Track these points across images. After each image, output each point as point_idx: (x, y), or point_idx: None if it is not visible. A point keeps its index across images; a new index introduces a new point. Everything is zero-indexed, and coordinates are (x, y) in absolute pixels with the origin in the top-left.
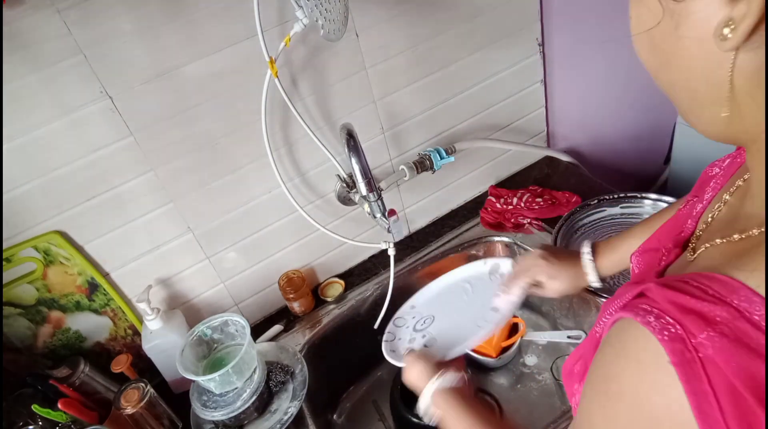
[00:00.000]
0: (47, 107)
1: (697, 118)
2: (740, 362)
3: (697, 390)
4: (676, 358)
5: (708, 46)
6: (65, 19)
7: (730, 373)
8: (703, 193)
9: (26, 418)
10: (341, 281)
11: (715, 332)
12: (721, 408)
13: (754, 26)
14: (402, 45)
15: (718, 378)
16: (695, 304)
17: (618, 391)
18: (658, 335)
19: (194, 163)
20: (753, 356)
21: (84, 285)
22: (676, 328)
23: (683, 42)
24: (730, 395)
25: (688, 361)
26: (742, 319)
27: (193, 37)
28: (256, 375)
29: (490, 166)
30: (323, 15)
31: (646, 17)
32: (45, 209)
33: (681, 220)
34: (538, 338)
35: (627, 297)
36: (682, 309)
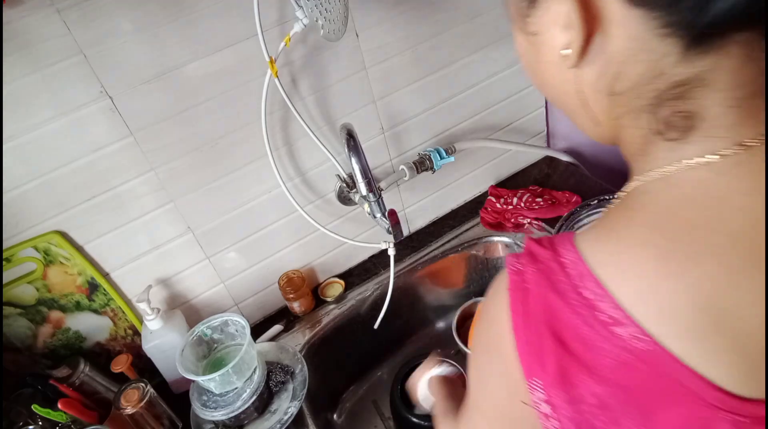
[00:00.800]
0: (47, 107)
1: (578, 125)
2: (543, 292)
3: (516, 309)
4: (511, 285)
5: (559, 66)
6: (65, 18)
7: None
8: None
9: (26, 418)
10: (341, 281)
11: (535, 268)
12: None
13: (583, 45)
14: (402, 45)
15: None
16: (536, 248)
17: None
18: (509, 268)
19: (194, 163)
20: (550, 289)
21: (84, 285)
22: (521, 265)
23: (545, 66)
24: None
25: (517, 288)
26: (554, 261)
27: (193, 36)
28: (256, 375)
29: (490, 166)
30: (323, 15)
31: (519, 49)
32: (45, 209)
33: None
34: None
35: None
36: (528, 252)
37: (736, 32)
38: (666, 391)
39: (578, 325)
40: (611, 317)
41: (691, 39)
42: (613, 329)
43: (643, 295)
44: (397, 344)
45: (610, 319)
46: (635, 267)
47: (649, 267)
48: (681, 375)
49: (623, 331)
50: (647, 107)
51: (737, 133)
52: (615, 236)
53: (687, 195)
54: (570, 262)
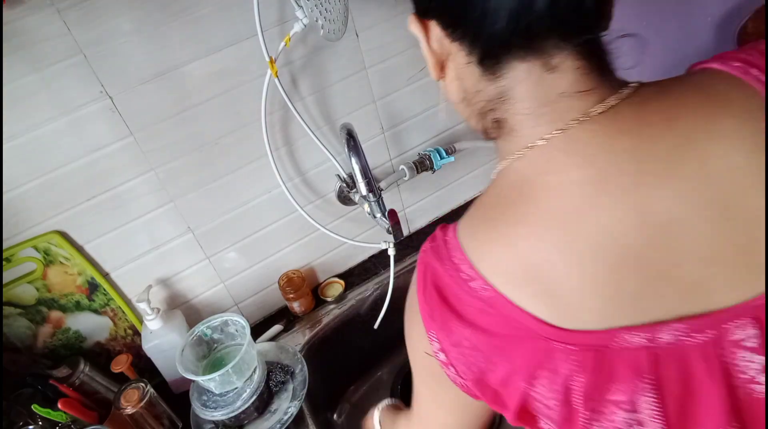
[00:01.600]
0: (47, 107)
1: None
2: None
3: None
4: (419, 261)
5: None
6: (65, 18)
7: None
8: None
9: (26, 418)
10: (341, 281)
11: (430, 246)
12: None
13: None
14: (402, 45)
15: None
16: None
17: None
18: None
19: (194, 162)
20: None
21: (84, 285)
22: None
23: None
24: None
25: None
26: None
27: (193, 36)
28: (256, 375)
29: (490, 166)
30: (323, 15)
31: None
32: (45, 209)
33: None
34: None
35: None
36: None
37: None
38: (512, 330)
39: (450, 283)
40: (468, 275)
41: (483, 67)
42: (469, 284)
43: (483, 256)
44: (397, 344)
45: (468, 276)
46: (479, 236)
47: (486, 234)
48: (518, 315)
49: (475, 285)
50: (481, 114)
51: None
52: (470, 214)
53: (511, 180)
54: (450, 238)
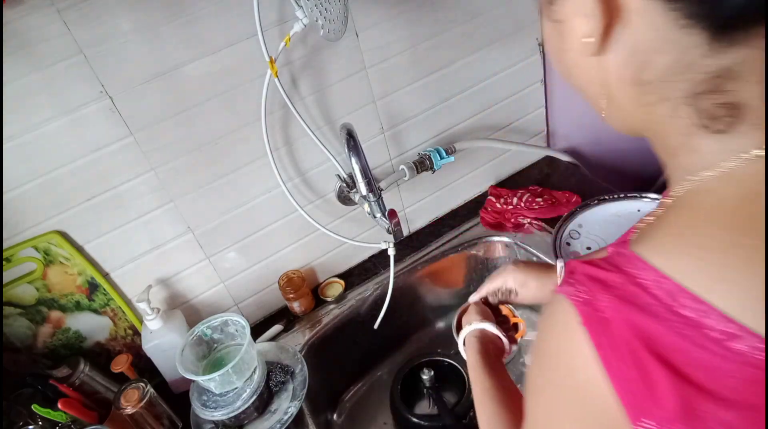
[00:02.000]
0: (47, 107)
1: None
2: (631, 319)
3: (603, 343)
4: (584, 318)
5: (583, 54)
6: (65, 18)
7: (624, 329)
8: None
9: (26, 418)
10: (341, 281)
11: (611, 295)
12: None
13: (604, 34)
14: (402, 45)
15: (617, 334)
16: (599, 273)
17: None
18: (572, 299)
19: (194, 162)
20: (640, 313)
21: (84, 285)
22: (586, 294)
23: (569, 53)
24: (628, 348)
25: (595, 321)
26: (631, 284)
27: (193, 36)
28: (256, 375)
29: (490, 166)
30: (323, 15)
31: (546, 36)
32: (45, 209)
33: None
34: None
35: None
36: (591, 278)
37: (758, 25)
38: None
39: (687, 348)
40: (723, 332)
41: (713, 32)
42: (729, 345)
43: (745, 302)
44: (397, 344)
45: (723, 335)
46: (728, 273)
47: (741, 270)
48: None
49: (741, 345)
50: (685, 99)
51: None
52: (690, 244)
53: (752, 190)
54: (652, 281)
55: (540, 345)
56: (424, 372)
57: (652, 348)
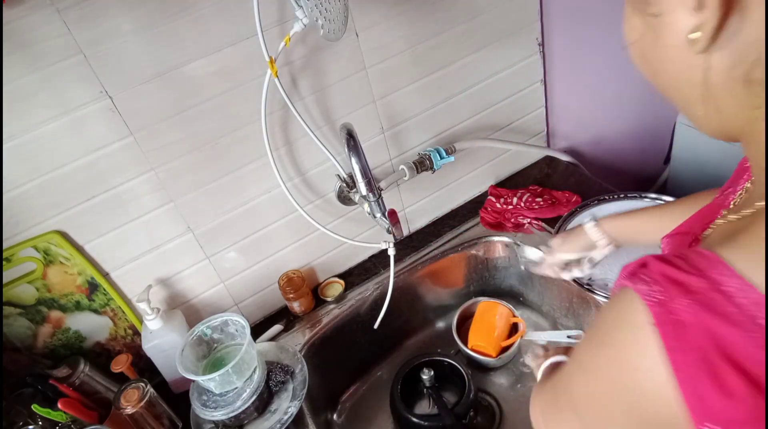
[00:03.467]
0: (47, 107)
1: (692, 117)
2: (710, 326)
3: (675, 347)
4: (657, 319)
5: (685, 51)
6: (65, 18)
7: (701, 335)
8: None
9: (26, 418)
10: (341, 281)
11: (692, 300)
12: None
13: (717, 28)
14: (402, 45)
15: (692, 339)
16: (679, 276)
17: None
18: (646, 299)
19: (194, 162)
20: (721, 321)
21: (84, 285)
22: (661, 295)
23: (665, 50)
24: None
25: (668, 323)
26: (715, 291)
27: (192, 36)
28: (256, 375)
29: (490, 166)
30: (323, 15)
31: (632, 31)
32: (45, 209)
33: (714, 209)
34: (538, 338)
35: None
36: (669, 279)
37: None
38: None
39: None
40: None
41: None
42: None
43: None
44: (397, 344)
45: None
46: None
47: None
48: None
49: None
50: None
51: None
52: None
53: None
54: (736, 289)
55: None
56: (424, 372)
57: (730, 356)
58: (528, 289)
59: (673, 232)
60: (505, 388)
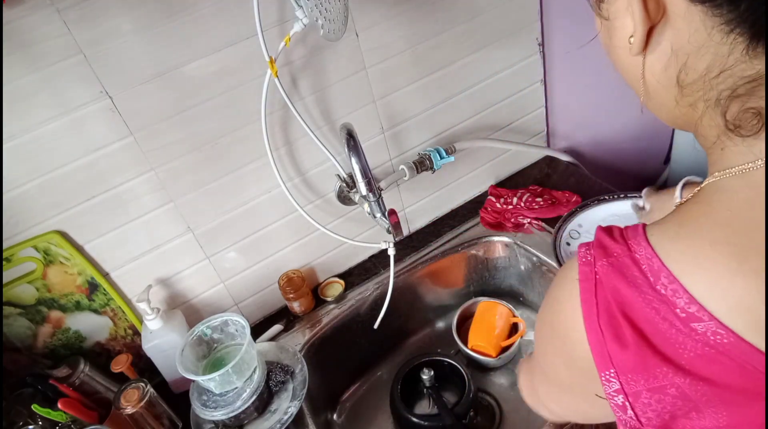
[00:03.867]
0: (47, 107)
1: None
2: (616, 285)
3: (587, 299)
4: (581, 276)
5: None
6: (65, 18)
7: (609, 293)
8: None
9: (26, 418)
10: (341, 281)
11: (607, 262)
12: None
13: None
14: (402, 45)
15: (602, 295)
16: (608, 242)
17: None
18: (580, 259)
19: (194, 162)
20: (625, 283)
21: (84, 285)
22: (591, 256)
23: (616, 50)
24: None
25: (587, 279)
26: (627, 256)
27: (192, 36)
28: (256, 375)
29: (490, 166)
30: (323, 15)
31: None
32: (45, 209)
33: None
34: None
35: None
36: (600, 244)
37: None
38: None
39: (656, 320)
40: (689, 313)
41: (752, 37)
42: (692, 325)
43: (718, 291)
44: (397, 344)
45: (688, 315)
46: (709, 263)
47: (724, 263)
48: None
49: (702, 327)
50: (719, 101)
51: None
52: (688, 232)
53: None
54: (643, 257)
55: (549, 292)
56: (424, 372)
57: (627, 313)
58: (528, 289)
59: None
60: (505, 388)
